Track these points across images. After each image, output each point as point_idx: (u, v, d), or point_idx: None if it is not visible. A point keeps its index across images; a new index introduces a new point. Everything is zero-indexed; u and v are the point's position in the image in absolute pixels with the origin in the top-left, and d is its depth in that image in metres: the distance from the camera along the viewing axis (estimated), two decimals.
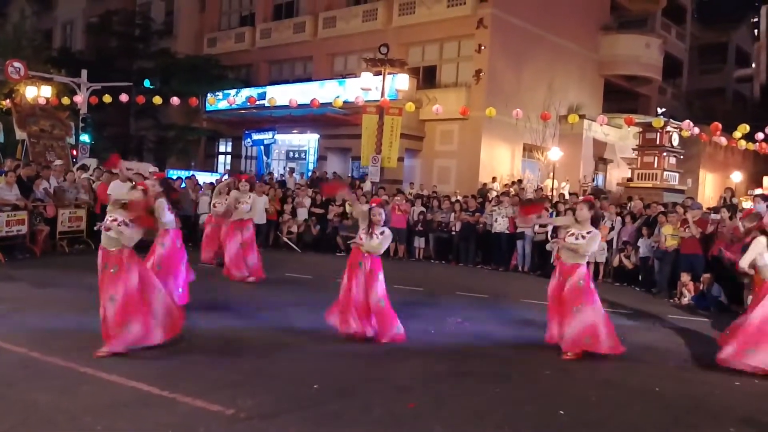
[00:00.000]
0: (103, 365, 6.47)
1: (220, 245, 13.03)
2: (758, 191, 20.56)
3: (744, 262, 8.06)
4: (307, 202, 19.02)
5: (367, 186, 21.83)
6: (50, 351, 6.84)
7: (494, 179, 23.75)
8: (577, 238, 8.07)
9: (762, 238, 7.90)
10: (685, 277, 12.91)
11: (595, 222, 8.24)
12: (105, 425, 5.06)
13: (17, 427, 4.97)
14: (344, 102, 22.42)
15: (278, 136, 30.82)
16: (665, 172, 25.33)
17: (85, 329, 7.63)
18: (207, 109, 30.70)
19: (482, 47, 25.21)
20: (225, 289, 11.55)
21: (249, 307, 10.08)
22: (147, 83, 28.14)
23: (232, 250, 12.29)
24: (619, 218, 15.92)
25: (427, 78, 27.59)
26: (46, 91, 24.25)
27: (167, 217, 9.33)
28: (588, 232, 8.04)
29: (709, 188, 31.31)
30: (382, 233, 8.17)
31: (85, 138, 24.78)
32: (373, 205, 8.33)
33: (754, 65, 47.51)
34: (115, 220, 7.01)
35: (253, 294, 11.37)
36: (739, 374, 7.54)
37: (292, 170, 27.17)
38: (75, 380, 6.09)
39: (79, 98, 24.36)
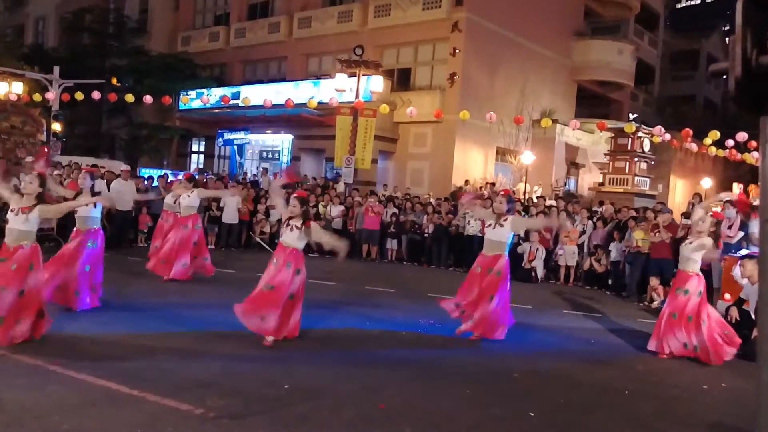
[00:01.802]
0: (71, 363, 6.40)
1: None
2: (725, 196, 20.80)
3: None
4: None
5: (340, 187, 21.82)
6: (17, 348, 6.75)
7: (467, 182, 23.84)
8: (494, 228, 8.77)
9: (708, 240, 8.21)
10: (654, 281, 13.06)
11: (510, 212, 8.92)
12: (72, 424, 5.00)
13: None
14: (318, 103, 22.37)
15: (252, 136, 30.72)
16: (636, 178, 25.57)
17: (53, 327, 7.53)
18: (180, 108, 30.50)
19: (457, 51, 25.31)
20: (196, 288, 11.48)
21: (220, 307, 10.02)
22: (115, 81, 27.67)
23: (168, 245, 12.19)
24: (590, 222, 16.08)
25: (401, 80, 27.65)
26: (17, 87, 23.96)
27: (85, 212, 9.05)
28: (505, 220, 8.75)
29: (679, 194, 31.65)
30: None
31: (56, 126, 24.56)
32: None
33: (729, 58, 47.98)
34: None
35: (223, 294, 11.30)
36: (707, 378, 7.65)
37: (266, 170, 27.06)
38: (42, 378, 6.01)
39: (51, 95, 24.10)
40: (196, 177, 14.50)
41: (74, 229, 9.15)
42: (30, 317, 6.99)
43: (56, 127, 24.86)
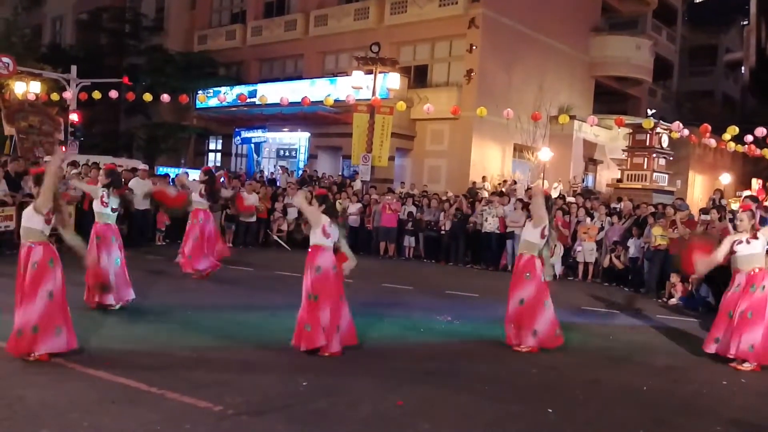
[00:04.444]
0: (91, 361, 6.45)
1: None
2: (746, 193, 20.63)
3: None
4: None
5: (357, 185, 21.82)
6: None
7: (484, 179, 23.76)
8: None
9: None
10: (674, 278, 12.96)
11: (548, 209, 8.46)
12: (91, 421, 5.03)
13: (3, 423, 4.93)
14: (335, 100, 22.37)
15: (269, 134, 30.82)
16: (655, 174, 25.39)
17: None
18: (197, 107, 30.60)
19: (474, 47, 25.23)
20: (216, 287, 11.53)
21: (238, 304, 10.07)
22: (126, 80, 27.54)
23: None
24: (608, 218, 15.98)
25: (418, 77, 27.58)
26: (35, 87, 24.13)
27: (98, 207, 9.01)
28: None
29: (698, 190, 31.43)
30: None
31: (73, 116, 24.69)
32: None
33: (744, 49, 47.54)
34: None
35: (242, 291, 11.35)
36: (726, 373, 7.58)
37: (284, 168, 27.12)
38: (62, 376, 6.06)
39: (69, 94, 24.25)
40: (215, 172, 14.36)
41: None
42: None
43: (73, 117, 24.85)
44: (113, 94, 22.32)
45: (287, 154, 31.66)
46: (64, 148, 23.61)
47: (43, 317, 6.43)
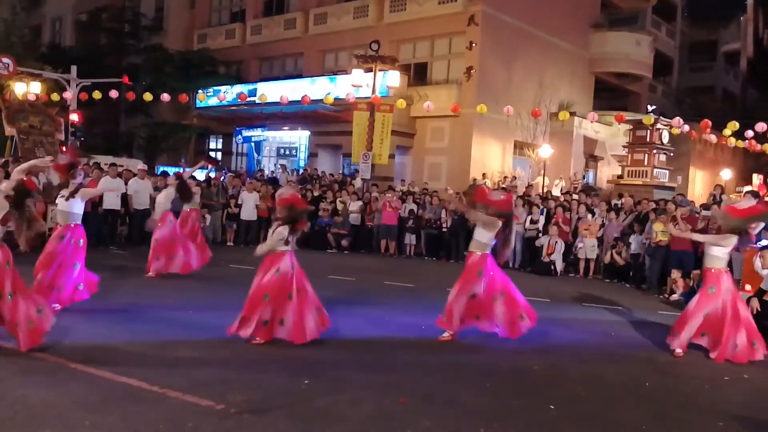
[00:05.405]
0: (93, 361, 6.45)
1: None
2: (747, 188, 20.61)
3: (702, 238, 8.90)
4: None
5: (357, 183, 21.82)
6: (40, 346, 6.80)
7: (484, 176, 23.75)
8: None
9: (733, 238, 8.10)
10: (675, 274, 12.96)
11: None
12: (93, 421, 5.03)
13: (5, 423, 4.94)
14: (335, 99, 22.36)
15: (269, 133, 30.81)
16: (655, 170, 25.36)
17: (74, 325, 7.60)
18: (197, 106, 30.59)
19: (473, 44, 25.22)
20: (216, 284, 11.53)
21: (239, 303, 10.04)
22: (126, 80, 27.45)
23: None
24: (608, 215, 15.98)
25: (418, 75, 27.56)
26: (35, 87, 24.12)
27: (70, 207, 8.88)
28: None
29: (698, 185, 31.39)
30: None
31: (74, 117, 24.64)
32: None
33: (741, 39, 47.39)
34: None
35: (243, 290, 11.33)
36: (728, 369, 7.58)
37: (284, 167, 27.11)
38: (65, 376, 6.06)
39: (69, 94, 24.25)
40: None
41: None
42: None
43: (73, 117, 24.82)
44: (113, 93, 22.30)
45: (287, 152, 31.67)
46: (64, 148, 23.61)
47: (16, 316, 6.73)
